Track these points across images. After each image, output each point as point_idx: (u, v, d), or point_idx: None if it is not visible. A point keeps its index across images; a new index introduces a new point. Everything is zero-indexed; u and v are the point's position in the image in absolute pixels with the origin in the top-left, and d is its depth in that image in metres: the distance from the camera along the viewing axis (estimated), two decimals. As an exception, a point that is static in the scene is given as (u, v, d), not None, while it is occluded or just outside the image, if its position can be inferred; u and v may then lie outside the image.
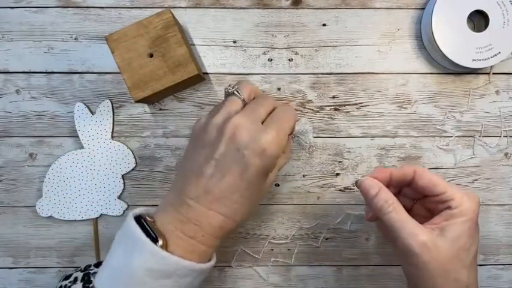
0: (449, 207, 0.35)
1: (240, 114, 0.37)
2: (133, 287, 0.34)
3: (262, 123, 0.37)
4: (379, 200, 0.36)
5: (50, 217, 0.49)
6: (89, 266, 0.41)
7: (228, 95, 0.40)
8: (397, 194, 0.40)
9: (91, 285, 0.38)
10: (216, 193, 0.36)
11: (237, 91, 0.39)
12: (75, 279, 0.40)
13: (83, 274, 0.41)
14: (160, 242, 0.34)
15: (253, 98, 0.40)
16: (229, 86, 0.40)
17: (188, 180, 0.37)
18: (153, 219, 0.36)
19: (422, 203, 0.40)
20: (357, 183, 0.39)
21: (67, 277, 0.41)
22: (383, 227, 0.41)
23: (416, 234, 0.34)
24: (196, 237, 0.36)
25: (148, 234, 0.34)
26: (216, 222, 0.36)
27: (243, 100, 0.39)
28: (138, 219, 0.36)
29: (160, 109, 0.49)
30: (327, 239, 0.50)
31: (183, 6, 0.48)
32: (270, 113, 0.39)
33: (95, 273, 0.38)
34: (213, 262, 0.38)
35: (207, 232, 0.36)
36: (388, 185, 0.38)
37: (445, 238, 0.34)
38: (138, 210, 0.37)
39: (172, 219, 0.36)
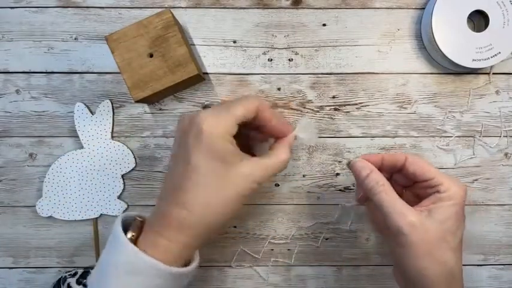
0: (437, 191, 0.36)
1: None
2: (107, 279, 0.34)
3: None
4: (370, 181, 0.37)
5: (50, 217, 0.49)
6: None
7: (204, 108, 0.41)
8: (388, 179, 0.40)
9: (84, 280, 0.40)
10: (174, 185, 0.36)
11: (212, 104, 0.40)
12: (75, 273, 0.43)
13: (83, 271, 0.43)
14: (129, 235, 0.35)
15: None
16: (206, 101, 0.41)
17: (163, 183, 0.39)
18: (142, 218, 0.37)
19: (412, 189, 0.40)
20: (349, 164, 0.40)
21: (69, 270, 0.44)
22: (372, 210, 0.42)
23: (405, 214, 0.35)
24: (163, 234, 0.35)
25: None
26: (175, 214, 0.35)
27: None
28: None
29: (160, 109, 0.49)
30: (326, 239, 0.50)
31: (183, 6, 0.48)
32: None
33: None
34: (187, 269, 0.36)
35: (170, 227, 0.35)
36: (380, 169, 0.39)
37: (433, 219, 0.35)
38: (133, 213, 0.38)
39: (149, 220, 0.37)
